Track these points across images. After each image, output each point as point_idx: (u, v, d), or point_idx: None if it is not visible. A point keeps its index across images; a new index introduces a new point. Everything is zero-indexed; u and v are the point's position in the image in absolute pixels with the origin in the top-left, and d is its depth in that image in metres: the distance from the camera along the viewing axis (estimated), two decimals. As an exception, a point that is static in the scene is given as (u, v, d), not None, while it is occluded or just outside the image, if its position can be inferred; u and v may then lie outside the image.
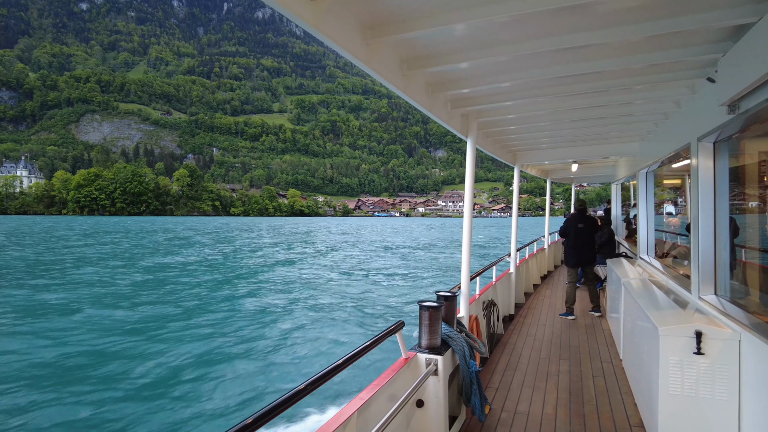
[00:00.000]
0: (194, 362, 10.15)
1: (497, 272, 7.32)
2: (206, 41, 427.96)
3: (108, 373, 9.65)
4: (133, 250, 39.11)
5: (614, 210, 13.35)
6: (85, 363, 10.34)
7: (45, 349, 11.34)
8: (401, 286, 21.19)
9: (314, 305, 16.16)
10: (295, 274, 24.77)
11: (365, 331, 12.92)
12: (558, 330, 7.09)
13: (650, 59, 3.08)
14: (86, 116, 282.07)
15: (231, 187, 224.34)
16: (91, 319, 14.38)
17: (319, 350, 11.02)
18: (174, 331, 12.94)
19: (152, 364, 10.12)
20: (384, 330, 3.04)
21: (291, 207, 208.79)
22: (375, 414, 2.71)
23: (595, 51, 3.12)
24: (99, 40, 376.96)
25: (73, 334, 12.69)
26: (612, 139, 6.88)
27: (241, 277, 23.91)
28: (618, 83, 3.72)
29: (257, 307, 15.90)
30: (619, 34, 2.62)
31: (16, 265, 27.66)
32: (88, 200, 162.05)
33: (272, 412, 1.68)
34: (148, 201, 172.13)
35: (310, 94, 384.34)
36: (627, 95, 4.22)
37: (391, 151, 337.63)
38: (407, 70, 3.19)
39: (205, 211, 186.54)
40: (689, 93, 4.02)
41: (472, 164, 4.74)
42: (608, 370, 5.29)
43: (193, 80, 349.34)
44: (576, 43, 2.72)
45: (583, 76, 3.67)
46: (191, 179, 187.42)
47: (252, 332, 12.65)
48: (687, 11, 2.43)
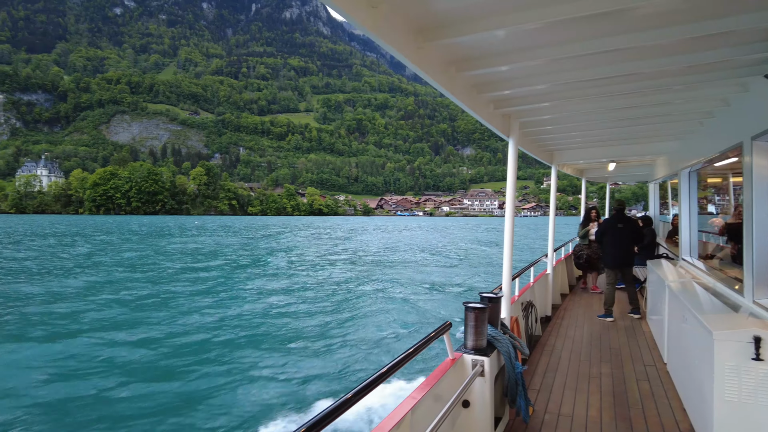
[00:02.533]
0: (239, 366, 10.19)
1: (534, 273, 7.38)
2: (234, 42, 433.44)
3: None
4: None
5: (652, 210, 13.20)
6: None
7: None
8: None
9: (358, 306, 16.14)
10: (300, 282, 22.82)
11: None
12: (597, 331, 7.04)
13: (693, 59, 3.05)
14: (116, 117, 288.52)
15: (249, 186, 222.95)
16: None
17: (369, 351, 10.98)
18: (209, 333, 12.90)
19: (197, 368, 10.19)
20: (431, 332, 3.03)
21: (309, 206, 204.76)
22: (425, 414, 2.74)
23: (632, 53, 3.12)
24: (131, 42, 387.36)
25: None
26: (649, 139, 6.82)
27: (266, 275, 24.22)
28: (657, 83, 3.69)
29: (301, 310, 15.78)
30: (657, 36, 2.62)
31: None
32: (103, 199, 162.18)
33: (324, 421, 1.70)
34: (163, 200, 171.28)
35: (336, 93, 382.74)
36: (666, 95, 4.19)
37: (417, 149, 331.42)
38: (454, 72, 3.27)
39: (222, 210, 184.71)
40: (741, 91, 3.96)
41: (514, 164, 4.76)
42: (652, 374, 5.21)
43: (220, 80, 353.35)
44: (613, 46, 2.75)
45: (620, 78, 3.65)
46: (208, 178, 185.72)
47: (299, 333, 12.68)
48: (735, 11, 2.41)
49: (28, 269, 25.27)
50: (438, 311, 15.11)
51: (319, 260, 31.53)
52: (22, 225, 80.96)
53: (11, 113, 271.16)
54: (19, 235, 53.12)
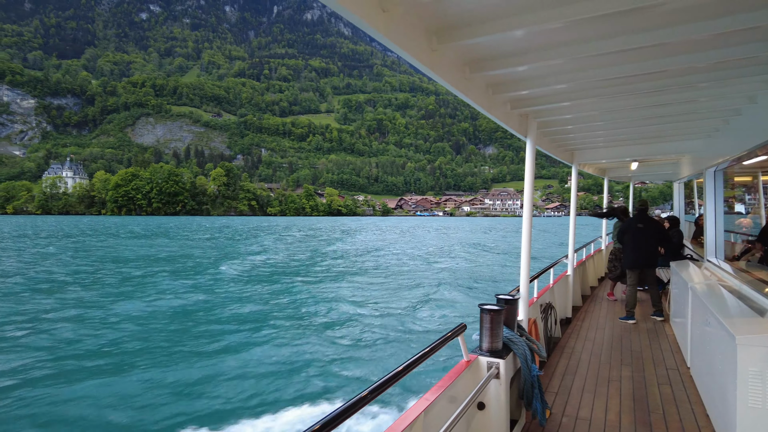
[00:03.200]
0: (256, 361, 10.24)
1: (554, 274, 7.31)
2: (256, 44, 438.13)
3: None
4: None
5: (677, 209, 13.14)
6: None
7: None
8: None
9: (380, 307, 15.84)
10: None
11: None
12: (618, 334, 6.91)
13: (720, 56, 2.99)
14: (141, 119, 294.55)
15: (269, 186, 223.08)
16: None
17: (383, 351, 10.93)
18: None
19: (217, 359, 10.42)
20: (445, 333, 3.03)
21: (328, 206, 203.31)
22: (438, 415, 2.74)
23: (657, 50, 3.07)
24: (156, 46, 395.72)
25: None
26: (674, 137, 6.75)
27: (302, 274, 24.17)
28: (683, 81, 3.63)
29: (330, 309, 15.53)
30: (684, 32, 2.56)
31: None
32: (125, 200, 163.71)
33: (338, 419, 1.71)
34: (184, 201, 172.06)
35: (357, 94, 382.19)
36: (692, 92, 4.12)
37: (437, 149, 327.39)
38: (469, 73, 3.23)
39: (241, 210, 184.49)
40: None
41: (532, 164, 4.69)
42: (674, 378, 5.09)
43: (243, 82, 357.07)
44: (638, 43, 2.70)
45: (644, 76, 3.61)
46: (227, 178, 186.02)
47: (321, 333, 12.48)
48: (764, 5, 2.36)
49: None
50: (453, 313, 14.67)
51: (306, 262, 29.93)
52: (34, 225, 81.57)
53: (42, 117, 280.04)
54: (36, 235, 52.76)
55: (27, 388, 8.61)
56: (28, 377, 9.15)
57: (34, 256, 32.24)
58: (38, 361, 10.14)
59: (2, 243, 43.06)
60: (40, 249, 37.45)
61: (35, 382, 8.92)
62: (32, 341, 11.61)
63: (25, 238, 50.43)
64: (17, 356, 10.39)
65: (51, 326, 12.93)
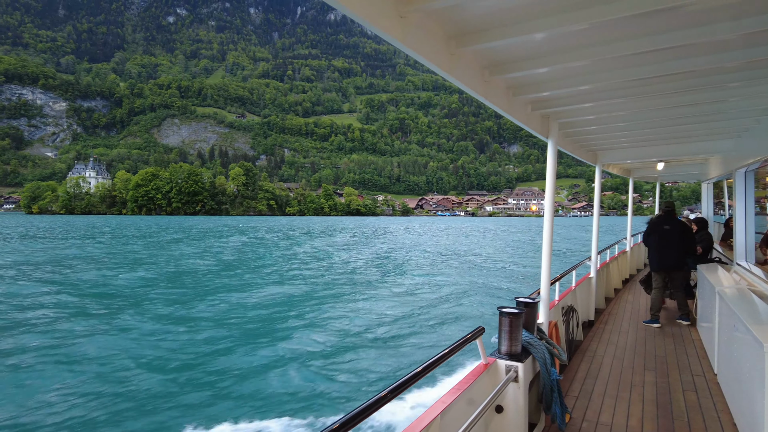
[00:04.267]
0: (274, 357, 10.43)
1: (577, 276, 7.22)
2: (280, 45, 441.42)
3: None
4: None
5: (705, 211, 12.98)
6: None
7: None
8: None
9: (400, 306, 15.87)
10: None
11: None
12: (642, 338, 6.80)
13: (751, 54, 2.92)
14: (167, 120, 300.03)
15: (288, 186, 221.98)
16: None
17: (401, 353, 10.96)
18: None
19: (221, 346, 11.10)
20: (464, 336, 3.02)
21: (347, 206, 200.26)
22: (455, 418, 2.73)
23: (686, 50, 3.00)
24: (182, 49, 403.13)
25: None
26: (702, 137, 6.59)
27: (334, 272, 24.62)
28: (712, 80, 3.55)
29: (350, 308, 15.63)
30: (713, 32, 2.51)
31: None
32: (145, 200, 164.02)
33: (356, 418, 1.73)
34: (203, 200, 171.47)
35: (379, 93, 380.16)
36: (721, 92, 4.02)
37: (460, 148, 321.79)
38: (488, 76, 3.21)
39: (260, 210, 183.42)
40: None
41: (554, 165, 4.64)
42: (700, 384, 4.97)
43: (266, 83, 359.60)
44: (662, 44, 2.65)
45: (670, 76, 3.53)
46: (246, 178, 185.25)
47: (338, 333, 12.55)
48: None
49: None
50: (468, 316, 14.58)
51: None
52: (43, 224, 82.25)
53: (73, 119, 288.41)
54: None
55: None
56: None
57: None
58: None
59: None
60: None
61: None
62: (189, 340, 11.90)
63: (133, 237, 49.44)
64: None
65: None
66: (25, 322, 13.25)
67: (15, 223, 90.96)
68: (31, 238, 48.60)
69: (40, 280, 20.92)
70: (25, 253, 33.20)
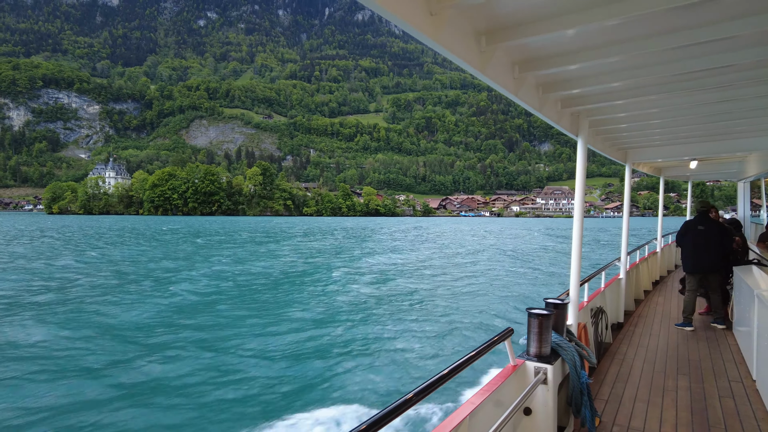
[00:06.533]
0: (299, 363, 10.37)
1: (606, 277, 7.11)
2: (308, 46, 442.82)
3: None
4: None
5: (741, 211, 12.78)
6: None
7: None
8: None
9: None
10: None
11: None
12: (674, 341, 6.62)
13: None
14: (195, 122, 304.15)
15: (305, 185, 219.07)
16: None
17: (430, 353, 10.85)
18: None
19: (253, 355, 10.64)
20: (492, 337, 2.99)
21: (366, 206, 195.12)
22: (484, 419, 2.71)
23: (726, 44, 2.90)
24: (212, 51, 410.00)
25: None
26: (741, 134, 6.36)
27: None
28: (754, 74, 3.43)
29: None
30: (752, 25, 2.41)
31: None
32: (161, 200, 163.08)
33: (384, 420, 1.72)
34: (220, 200, 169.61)
35: (406, 92, 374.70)
36: (762, 87, 3.88)
37: (489, 146, 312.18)
38: (519, 73, 3.17)
39: (277, 210, 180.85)
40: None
41: (583, 163, 4.59)
42: (738, 391, 4.80)
43: (293, 84, 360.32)
44: (701, 38, 2.56)
45: (708, 71, 3.42)
46: (263, 178, 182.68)
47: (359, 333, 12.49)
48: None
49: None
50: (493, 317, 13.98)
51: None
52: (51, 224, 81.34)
53: (105, 122, 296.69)
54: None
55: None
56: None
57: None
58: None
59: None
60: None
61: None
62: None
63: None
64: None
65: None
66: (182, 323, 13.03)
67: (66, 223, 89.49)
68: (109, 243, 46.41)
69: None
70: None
